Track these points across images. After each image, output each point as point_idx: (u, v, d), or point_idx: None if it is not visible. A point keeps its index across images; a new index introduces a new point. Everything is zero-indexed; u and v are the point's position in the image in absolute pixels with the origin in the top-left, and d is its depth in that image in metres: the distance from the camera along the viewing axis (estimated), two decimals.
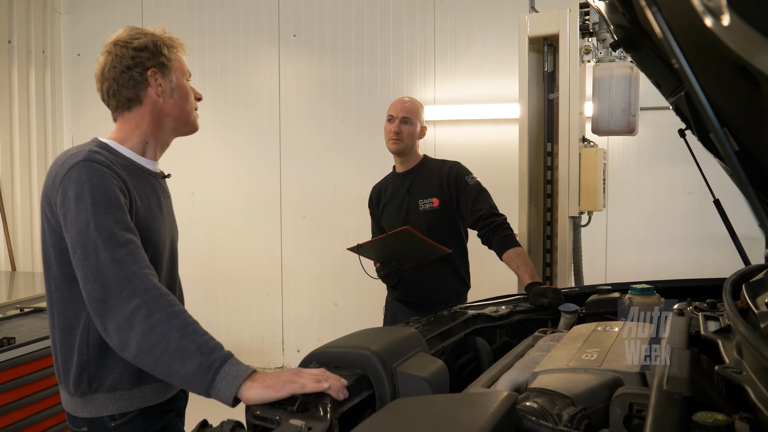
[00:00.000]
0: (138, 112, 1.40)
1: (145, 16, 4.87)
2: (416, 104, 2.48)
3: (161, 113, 1.41)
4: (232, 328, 4.80)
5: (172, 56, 1.41)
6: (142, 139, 1.41)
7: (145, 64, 1.37)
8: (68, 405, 1.34)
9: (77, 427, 1.33)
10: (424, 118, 2.51)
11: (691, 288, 1.84)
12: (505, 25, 4.09)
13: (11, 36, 4.58)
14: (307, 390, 0.98)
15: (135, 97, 1.38)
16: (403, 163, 2.53)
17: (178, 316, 1.12)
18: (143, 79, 1.38)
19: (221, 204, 4.74)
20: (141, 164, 1.41)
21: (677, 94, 1.57)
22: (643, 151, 4.01)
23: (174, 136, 1.49)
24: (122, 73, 1.37)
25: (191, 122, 1.48)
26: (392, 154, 2.53)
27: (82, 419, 1.31)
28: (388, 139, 2.47)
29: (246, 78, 4.63)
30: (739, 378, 0.76)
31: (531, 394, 0.97)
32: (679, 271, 3.83)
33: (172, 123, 1.44)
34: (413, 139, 2.47)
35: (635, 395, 0.90)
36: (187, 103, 1.45)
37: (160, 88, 1.39)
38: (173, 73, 1.42)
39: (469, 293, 2.54)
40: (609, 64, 2.46)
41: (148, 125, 1.41)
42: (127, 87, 1.37)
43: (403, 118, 2.42)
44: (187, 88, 1.46)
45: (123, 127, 1.41)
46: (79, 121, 5.10)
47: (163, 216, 1.43)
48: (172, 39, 1.44)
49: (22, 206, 4.70)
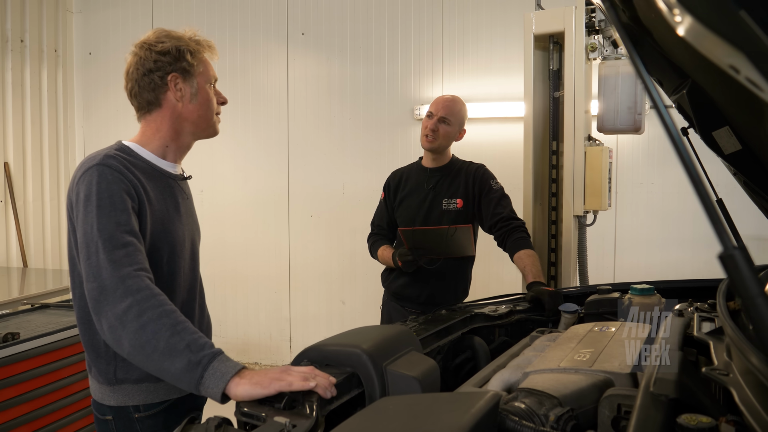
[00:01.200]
0: (158, 116, 1.43)
1: (155, 15, 4.91)
2: (458, 103, 2.44)
3: (180, 117, 1.44)
4: (240, 326, 4.83)
5: (195, 61, 1.43)
6: (163, 143, 1.44)
7: (166, 68, 1.39)
8: (96, 392, 1.39)
9: (102, 415, 1.38)
10: (465, 120, 2.46)
11: (694, 288, 1.81)
12: (513, 23, 4.06)
13: (23, 35, 4.64)
14: (294, 388, 0.99)
15: (155, 100, 1.41)
16: (433, 160, 2.50)
17: (168, 315, 1.14)
18: (163, 83, 1.40)
19: (230, 202, 4.77)
20: (160, 167, 1.44)
21: (680, 91, 1.55)
22: (653, 150, 3.96)
23: (194, 140, 1.52)
24: (144, 75, 1.40)
25: (210, 127, 1.50)
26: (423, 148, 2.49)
27: (108, 407, 1.36)
28: (423, 134, 2.42)
29: (255, 76, 4.65)
30: (726, 380, 0.75)
31: (519, 395, 0.97)
32: (688, 272, 3.77)
33: (191, 127, 1.46)
34: (449, 139, 2.43)
35: (624, 396, 0.89)
36: (208, 108, 1.47)
37: (180, 93, 1.41)
38: (195, 78, 1.43)
39: (476, 292, 2.53)
40: (615, 61, 2.43)
41: (168, 129, 1.43)
42: (148, 90, 1.40)
43: (441, 117, 2.39)
44: (209, 94, 1.47)
45: (145, 130, 1.45)
46: (90, 120, 5.16)
47: (181, 217, 1.46)
48: (199, 43, 1.45)
49: (34, 204, 4.76)
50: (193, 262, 1.50)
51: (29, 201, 4.73)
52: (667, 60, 1.48)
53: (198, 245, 1.57)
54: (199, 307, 1.53)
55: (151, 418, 1.36)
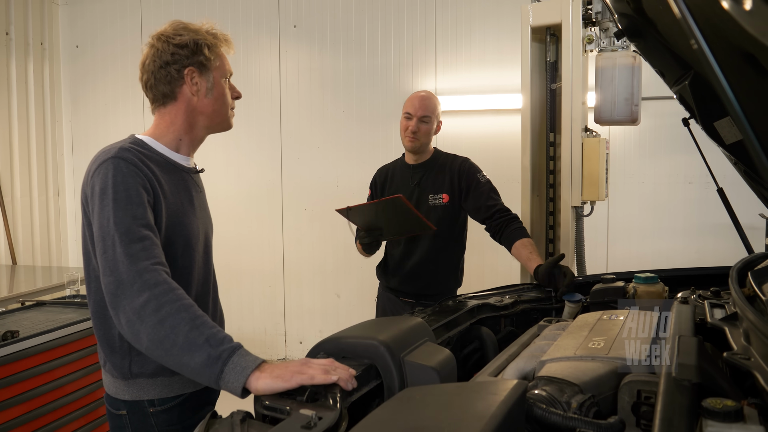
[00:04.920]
0: (173, 109, 1.42)
1: (144, 7, 4.84)
2: (434, 101, 2.46)
3: (195, 111, 1.43)
4: (234, 320, 4.81)
5: (212, 56, 1.42)
6: (176, 136, 1.44)
7: (183, 62, 1.38)
8: (110, 387, 1.39)
9: (116, 410, 1.37)
10: (440, 113, 2.49)
11: (694, 276, 1.84)
12: (507, 15, 4.07)
13: (9, 28, 4.55)
14: (316, 381, 0.99)
15: (170, 93, 1.41)
16: (416, 156, 2.51)
17: (187, 309, 1.14)
18: (180, 76, 1.39)
19: (223, 196, 4.73)
20: (174, 160, 1.43)
21: (682, 82, 1.57)
22: (645, 141, 4.01)
23: (208, 134, 1.51)
24: (160, 68, 1.39)
25: (225, 121, 1.50)
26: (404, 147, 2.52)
27: (123, 402, 1.36)
28: (405, 136, 2.44)
29: (246, 69, 4.61)
30: (748, 364, 0.77)
31: (539, 383, 0.98)
32: (680, 261, 3.83)
33: (205, 121, 1.46)
34: (429, 136, 2.45)
35: (643, 382, 0.91)
36: (222, 103, 1.46)
37: (195, 87, 1.41)
38: (212, 72, 1.43)
39: (471, 283, 2.56)
40: (612, 53, 2.45)
41: (182, 122, 1.43)
42: (164, 82, 1.39)
43: (421, 117, 2.40)
44: (224, 89, 1.47)
45: (159, 123, 1.44)
46: (78, 114, 5.09)
47: (195, 211, 1.46)
48: (216, 37, 1.44)
49: (21, 200, 4.69)
50: (206, 255, 1.50)
51: (17, 197, 4.66)
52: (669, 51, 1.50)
53: (211, 238, 1.56)
54: (213, 300, 1.53)
55: (165, 412, 1.35)
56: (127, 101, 4.87)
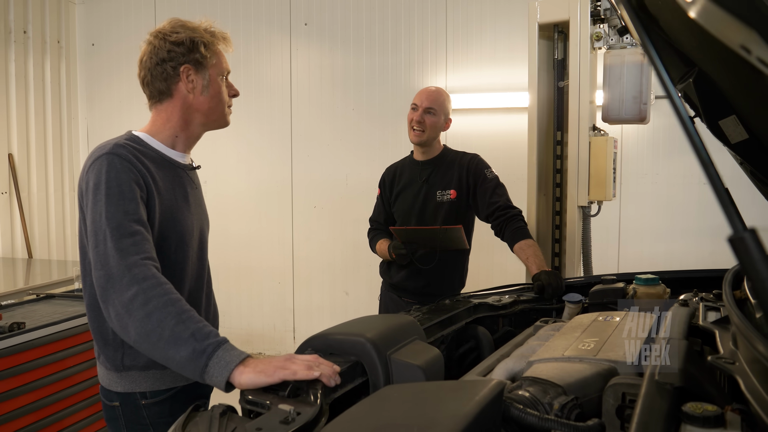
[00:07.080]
0: (169, 105, 1.44)
1: (158, 6, 4.89)
2: (442, 94, 2.43)
3: (190, 108, 1.45)
4: (243, 317, 4.85)
5: (209, 53, 1.43)
6: (172, 133, 1.46)
7: (179, 59, 1.40)
8: (104, 379, 1.41)
9: (110, 401, 1.40)
10: (449, 110, 2.46)
11: (699, 279, 1.80)
12: (518, 13, 4.03)
13: (26, 26, 4.63)
14: (298, 377, 0.99)
15: (166, 90, 1.42)
16: (423, 153, 2.49)
17: (174, 303, 1.14)
18: (176, 73, 1.41)
19: (233, 193, 4.77)
20: (170, 157, 1.45)
21: (686, 80, 1.54)
22: (658, 141, 3.94)
23: (204, 131, 1.53)
24: (157, 65, 1.40)
25: (220, 119, 1.51)
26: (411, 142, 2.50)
27: (116, 393, 1.38)
28: (410, 129, 2.42)
29: (257, 67, 4.63)
30: (731, 368, 0.75)
31: (524, 383, 0.96)
32: (693, 262, 3.76)
33: (201, 118, 1.47)
34: (436, 130, 2.42)
35: (628, 385, 0.89)
36: (218, 100, 1.48)
37: (191, 84, 1.42)
38: (208, 70, 1.44)
39: (480, 283, 2.53)
40: (620, 51, 2.41)
41: (178, 119, 1.45)
42: (160, 79, 1.41)
43: (427, 108, 2.38)
44: (220, 86, 1.48)
45: (155, 120, 1.46)
46: (93, 111, 5.16)
47: (190, 207, 1.47)
48: (214, 35, 1.46)
49: (38, 195, 4.77)
50: (201, 251, 1.51)
51: (33, 192, 4.74)
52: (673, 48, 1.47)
53: (207, 235, 1.58)
54: (206, 295, 1.54)
55: (157, 405, 1.37)
56: (141, 97, 4.83)
